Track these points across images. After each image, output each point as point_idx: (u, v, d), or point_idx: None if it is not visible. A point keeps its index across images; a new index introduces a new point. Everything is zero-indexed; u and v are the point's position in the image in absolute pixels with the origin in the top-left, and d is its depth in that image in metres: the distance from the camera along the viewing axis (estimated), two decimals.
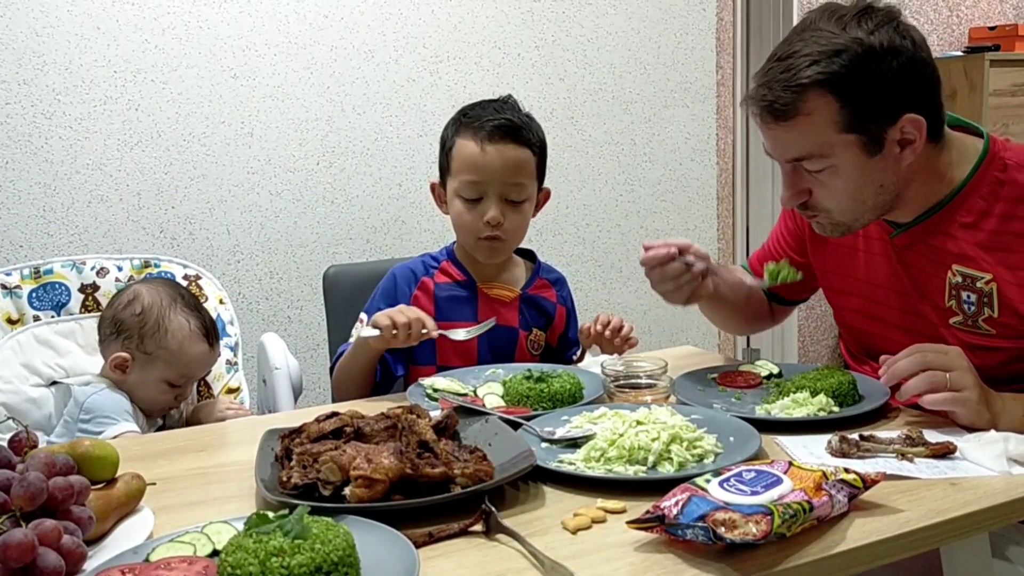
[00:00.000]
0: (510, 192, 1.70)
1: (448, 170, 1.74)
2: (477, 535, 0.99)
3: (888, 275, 1.52)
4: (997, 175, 1.39)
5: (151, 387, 1.68)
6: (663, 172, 3.23)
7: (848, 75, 1.29)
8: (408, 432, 1.15)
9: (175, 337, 1.68)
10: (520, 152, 1.70)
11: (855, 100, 1.30)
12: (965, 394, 1.24)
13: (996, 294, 1.38)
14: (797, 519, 0.94)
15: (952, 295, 1.43)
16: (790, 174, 1.41)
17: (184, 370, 1.70)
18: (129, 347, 1.68)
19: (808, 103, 1.31)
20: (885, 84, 1.30)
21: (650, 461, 1.14)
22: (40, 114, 2.33)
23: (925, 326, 1.47)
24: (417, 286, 1.77)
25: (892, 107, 1.32)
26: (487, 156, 1.67)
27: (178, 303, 1.71)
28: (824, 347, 3.78)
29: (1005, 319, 1.38)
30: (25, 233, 2.34)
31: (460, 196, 1.71)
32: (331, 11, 2.62)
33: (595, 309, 3.11)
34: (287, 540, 0.84)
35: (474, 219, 1.70)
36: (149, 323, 1.67)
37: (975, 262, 1.39)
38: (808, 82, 1.30)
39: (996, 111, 3.61)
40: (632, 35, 3.10)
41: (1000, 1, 4.04)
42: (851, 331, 1.64)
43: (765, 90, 1.35)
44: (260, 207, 2.59)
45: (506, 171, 1.68)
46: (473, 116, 1.72)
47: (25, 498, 0.90)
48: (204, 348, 1.71)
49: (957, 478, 1.11)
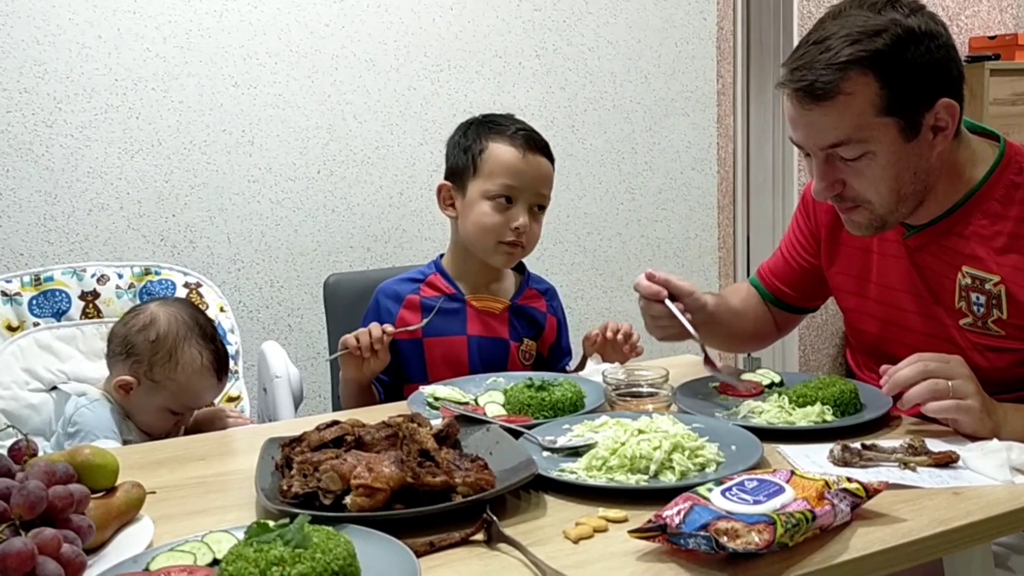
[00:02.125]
0: (537, 201, 1.76)
1: (475, 172, 1.74)
2: (478, 544, 0.99)
3: (901, 277, 1.51)
4: (1013, 178, 1.39)
5: (152, 413, 1.66)
6: (664, 181, 3.23)
7: (890, 54, 1.28)
8: (409, 441, 1.15)
9: (185, 371, 1.65)
10: (548, 166, 1.78)
11: (895, 81, 1.29)
12: (968, 402, 1.24)
13: (1005, 295, 1.38)
14: (800, 528, 0.93)
15: (962, 296, 1.42)
16: (823, 164, 1.37)
17: (188, 401, 1.68)
18: (136, 372, 1.65)
19: (850, 82, 1.29)
20: (924, 66, 1.30)
21: (652, 470, 1.14)
22: (41, 122, 2.33)
23: (938, 328, 1.46)
24: (402, 305, 1.78)
25: (930, 90, 1.31)
26: (527, 163, 1.73)
27: (194, 334, 1.67)
28: (825, 356, 3.77)
29: (1015, 320, 1.38)
30: (26, 241, 2.34)
31: (490, 198, 1.72)
32: (332, 20, 2.62)
33: (596, 317, 3.12)
34: (287, 549, 0.83)
35: (502, 223, 1.72)
36: (161, 352, 1.64)
37: (984, 263, 1.39)
38: (851, 59, 1.29)
39: (996, 120, 3.62)
40: (633, 44, 3.11)
41: (1000, 11, 4.05)
42: (862, 335, 1.62)
43: (804, 71, 1.31)
44: (261, 215, 2.59)
45: (539, 181, 1.75)
46: (502, 124, 1.76)
47: (25, 507, 0.89)
48: (212, 382, 1.70)
49: (960, 487, 1.10)
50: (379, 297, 1.81)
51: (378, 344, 1.62)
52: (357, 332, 1.64)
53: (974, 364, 1.37)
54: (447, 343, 1.76)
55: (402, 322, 1.74)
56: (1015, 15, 4.09)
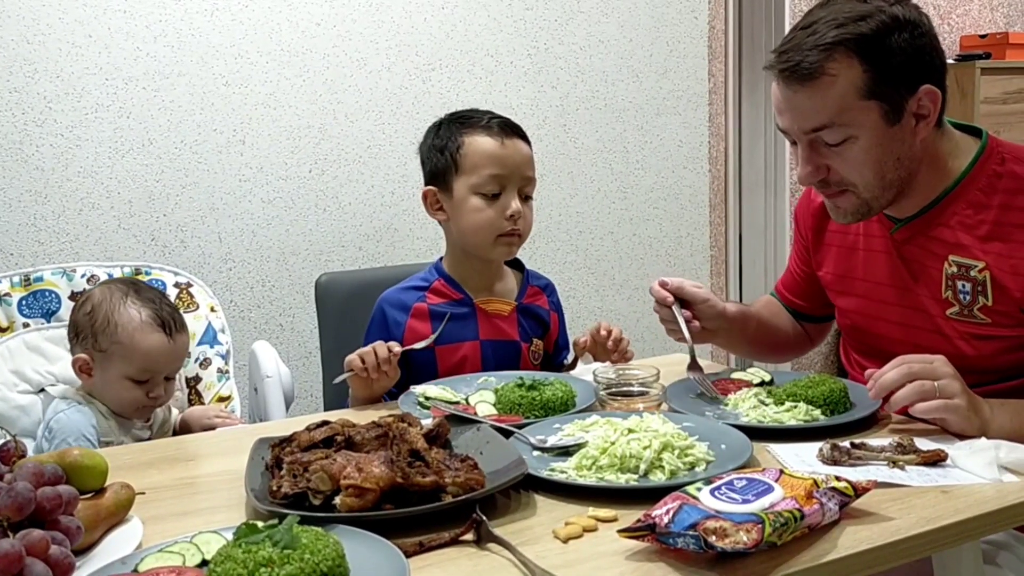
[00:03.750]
0: (526, 186, 1.73)
1: (456, 171, 1.70)
2: (468, 544, 0.99)
3: (888, 271, 1.53)
4: (995, 168, 1.42)
5: (115, 385, 1.64)
6: (655, 180, 3.23)
7: (874, 38, 1.32)
8: (399, 441, 1.15)
9: (125, 330, 1.63)
10: (528, 148, 1.74)
11: (879, 64, 1.33)
12: (955, 401, 1.25)
13: (990, 282, 1.39)
14: (788, 527, 0.93)
15: (948, 285, 1.44)
16: (807, 149, 1.41)
17: (143, 363, 1.64)
18: (86, 347, 1.65)
19: (834, 63, 1.33)
20: (907, 52, 1.33)
21: (642, 469, 1.14)
22: (31, 121, 2.32)
23: (924, 320, 1.48)
24: (410, 314, 1.73)
25: (913, 76, 1.35)
26: (508, 149, 1.70)
27: (129, 296, 1.67)
28: (816, 354, 3.78)
29: (1000, 307, 1.39)
30: (16, 241, 2.33)
31: (479, 193, 1.69)
32: (323, 19, 2.62)
33: (588, 316, 3.12)
34: (276, 550, 0.83)
35: (495, 215, 1.68)
36: (99, 320, 1.64)
37: (970, 251, 1.41)
38: (835, 41, 1.33)
39: (987, 119, 3.63)
40: (624, 43, 3.11)
41: (991, 10, 4.06)
42: (852, 332, 1.65)
43: (791, 53, 1.36)
44: (252, 215, 2.58)
45: (523, 164, 1.72)
46: (472, 117, 1.74)
47: (13, 508, 0.89)
48: (160, 338, 1.65)
49: (948, 486, 1.11)
50: (384, 307, 1.75)
51: (386, 365, 1.56)
52: (362, 352, 1.56)
53: (961, 353, 1.39)
54: (460, 349, 1.72)
55: (411, 331, 1.70)
56: (1006, 14, 4.10)
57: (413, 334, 1.70)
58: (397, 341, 1.66)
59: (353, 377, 1.57)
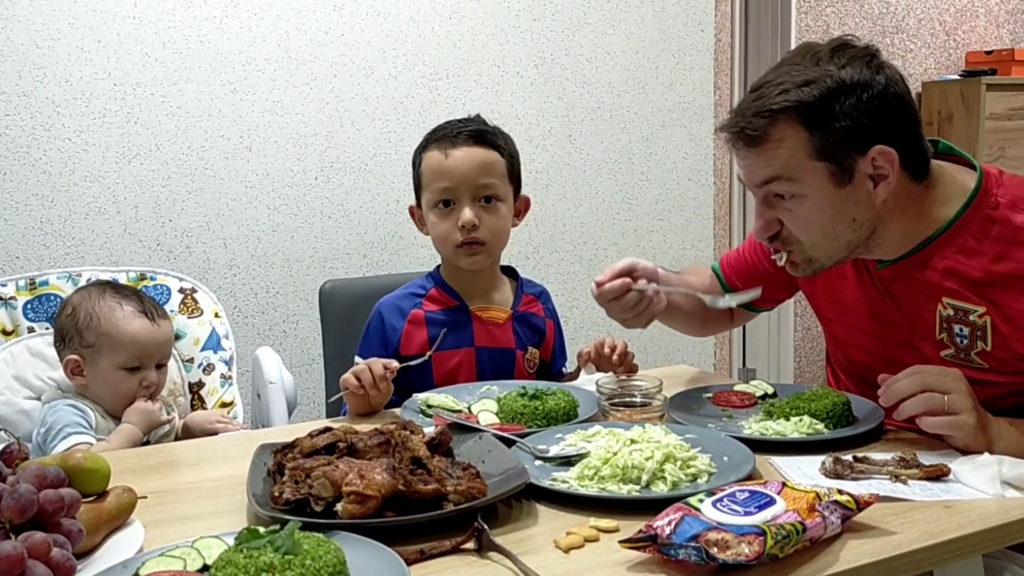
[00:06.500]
0: (481, 192, 1.71)
1: (421, 187, 1.76)
2: (469, 553, 0.99)
3: (876, 305, 1.52)
4: (988, 212, 1.38)
5: (109, 378, 1.67)
6: (660, 191, 3.24)
7: (816, 104, 1.32)
8: (401, 448, 1.15)
9: (109, 320, 1.67)
10: (487, 154, 1.72)
11: (823, 129, 1.32)
12: (962, 417, 1.24)
13: (990, 328, 1.38)
14: (790, 540, 0.93)
15: (943, 328, 1.43)
16: (760, 204, 1.43)
17: (131, 349, 1.67)
18: (74, 348, 1.68)
19: (777, 129, 1.34)
20: (853, 116, 1.32)
21: (644, 480, 1.14)
22: (39, 126, 2.33)
23: (918, 359, 1.45)
24: (407, 320, 1.75)
25: (861, 138, 1.33)
26: (453, 160, 1.70)
27: (107, 293, 1.71)
28: (819, 367, 3.77)
29: (999, 352, 1.38)
30: (22, 244, 2.34)
31: (433, 207, 1.73)
32: (331, 27, 2.63)
33: (591, 327, 3.12)
34: (277, 556, 0.83)
35: (450, 226, 1.71)
36: (80, 318, 1.68)
37: (964, 295, 1.39)
38: (777, 108, 1.33)
39: (992, 135, 3.63)
40: (630, 55, 3.12)
41: (997, 26, 4.07)
42: (843, 358, 1.64)
43: (737, 118, 1.38)
44: (257, 221, 2.59)
45: (473, 171, 1.70)
46: (438, 130, 1.76)
47: (15, 510, 0.89)
48: (143, 323, 1.69)
49: (951, 500, 1.11)
50: (382, 313, 1.77)
51: (382, 383, 1.55)
52: (356, 370, 1.54)
53: None
54: (455, 356, 1.73)
55: (407, 337, 1.72)
56: (1012, 30, 4.11)
57: (410, 340, 1.72)
58: (394, 346, 1.69)
59: (349, 395, 1.57)
